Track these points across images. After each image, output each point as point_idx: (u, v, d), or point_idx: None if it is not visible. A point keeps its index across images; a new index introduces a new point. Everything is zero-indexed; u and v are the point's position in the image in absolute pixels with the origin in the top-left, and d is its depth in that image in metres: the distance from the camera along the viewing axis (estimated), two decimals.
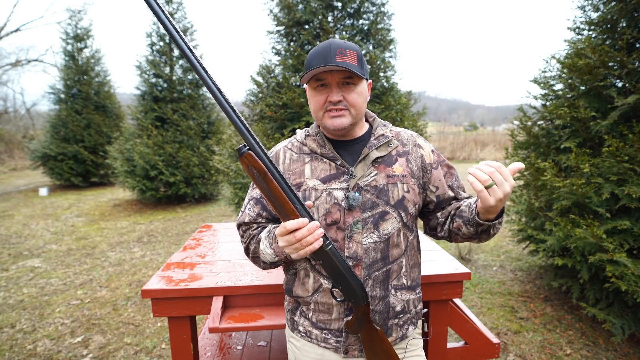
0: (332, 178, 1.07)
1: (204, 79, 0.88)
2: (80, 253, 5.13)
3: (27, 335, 3.05)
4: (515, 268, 4.27)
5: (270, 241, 1.04)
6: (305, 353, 1.14)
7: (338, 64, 0.97)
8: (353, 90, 1.04)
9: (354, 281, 0.99)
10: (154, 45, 8.34)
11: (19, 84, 44.36)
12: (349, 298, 1.00)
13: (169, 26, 0.85)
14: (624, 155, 2.56)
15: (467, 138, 19.78)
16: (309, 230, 0.91)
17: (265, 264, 1.11)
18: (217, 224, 2.57)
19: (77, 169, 10.54)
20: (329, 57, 0.99)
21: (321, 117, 1.06)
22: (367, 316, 1.03)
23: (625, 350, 2.69)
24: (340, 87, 1.03)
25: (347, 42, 1.04)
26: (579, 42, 3.20)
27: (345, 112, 1.04)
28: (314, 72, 1.00)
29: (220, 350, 2.01)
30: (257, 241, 1.10)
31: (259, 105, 4.48)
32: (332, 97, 1.03)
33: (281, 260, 1.06)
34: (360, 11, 4.57)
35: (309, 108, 1.12)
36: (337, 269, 0.97)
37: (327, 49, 1.00)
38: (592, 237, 2.54)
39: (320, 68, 0.98)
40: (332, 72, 1.01)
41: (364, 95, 1.08)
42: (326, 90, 1.04)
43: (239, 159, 0.92)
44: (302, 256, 0.95)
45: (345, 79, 1.02)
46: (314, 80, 1.04)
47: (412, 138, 1.16)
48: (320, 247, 0.94)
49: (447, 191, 1.14)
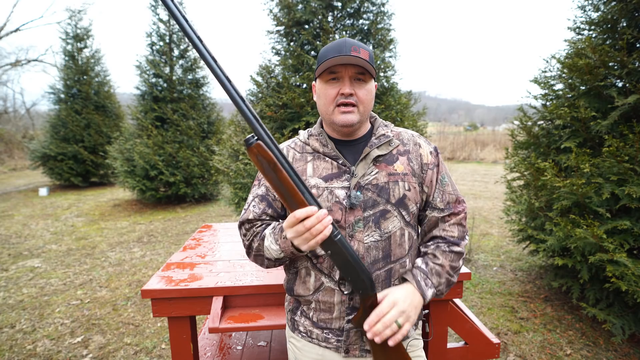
0: (333, 177, 1.08)
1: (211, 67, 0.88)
2: (80, 253, 5.12)
3: (27, 335, 3.05)
4: (515, 268, 4.27)
5: (276, 237, 1.03)
6: (306, 353, 1.14)
7: (354, 57, 0.99)
8: (364, 87, 1.05)
9: (363, 271, 0.98)
10: (154, 45, 8.34)
11: (18, 84, 44.43)
12: (358, 288, 0.99)
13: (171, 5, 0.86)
14: (624, 155, 2.56)
15: (467, 138, 19.78)
16: (317, 219, 0.90)
17: (270, 261, 1.09)
18: (217, 224, 2.57)
19: (77, 169, 10.54)
20: (345, 50, 1.01)
21: (331, 111, 1.06)
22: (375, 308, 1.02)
23: (625, 350, 2.69)
24: (353, 82, 1.04)
25: (362, 42, 1.05)
26: (579, 42, 3.20)
27: (354, 109, 1.05)
28: (330, 63, 1.01)
29: (220, 350, 2.01)
30: (261, 238, 1.09)
31: (259, 105, 4.47)
32: (344, 90, 1.03)
33: (287, 256, 1.04)
34: (360, 11, 4.57)
35: (317, 103, 1.11)
36: (346, 258, 0.96)
37: (342, 45, 1.02)
38: (592, 237, 2.54)
39: (336, 59, 0.99)
40: (347, 66, 1.02)
41: (373, 94, 1.09)
42: (338, 84, 1.05)
43: (247, 150, 0.91)
44: (312, 247, 0.93)
45: (358, 74, 1.04)
46: (326, 73, 1.05)
47: (412, 137, 1.16)
48: (329, 237, 0.93)
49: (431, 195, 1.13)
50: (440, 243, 1.11)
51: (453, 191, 1.15)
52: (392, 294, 1.00)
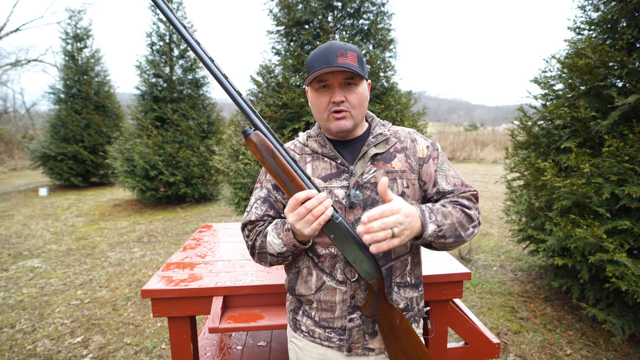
0: (332, 177, 1.09)
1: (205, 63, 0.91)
2: (80, 253, 5.12)
3: (26, 335, 3.05)
4: (515, 268, 4.27)
5: (278, 231, 1.04)
6: (308, 353, 1.14)
7: (340, 65, 0.99)
8: (354, 91, 1.05)
9: (367, 253, 0.98)
10: (154, 45, 8.34)
11: (18, 84, 44.41)
12: (363, 272, 1.00)
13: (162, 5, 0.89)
14: (624, 155, 2.56)
15: (467, 138, 19.77)
16: (318, 200, 0.91)
17: (273, 257, 1.08)
18: (217, 224, 2.57)
19: (77, 169, 10.54)
20: (331, 58, 1.00)
21: (326, 118, 1.07)
22: (383, 291, 1.02)
23: (625, 350, 2.69)
24: (342, 88, 1.04)
25: (347, 43, 1.05)
26: (579, 42, 3.20)
27: (346, 114, 1.05)
28: (316, 74, 1.01)
29: (220, 350, 2.01)
30: (264, 234, 1.09)
31: (259, 105, 4.47)
32: (335, 98, 1.04)
33: (289, 250, 1.04)
34: (360, 11, 4.57)
35: (311, 110, 1.13)
36: (349, 241, 0.97)
37: (328, 51, 1.02)
38: (592, 237, 2.54)
39: (323, 69, 0.99)
40: (335, 73, 1.02)
41: (365, 96, 1.09)
42: (328, 91, 1.05)
43: (245, 140, 0.93)
44: (314, 230, 0.92)
45: (347, 80, 1.04)
46: (315, 82, 1.05)
47: (409, 135, 1.16)
48: (331, 219, 0.94)
49: (431, 187, 1.12)
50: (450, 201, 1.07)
51: (457, 175, 1.13)
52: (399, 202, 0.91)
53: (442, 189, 1.10)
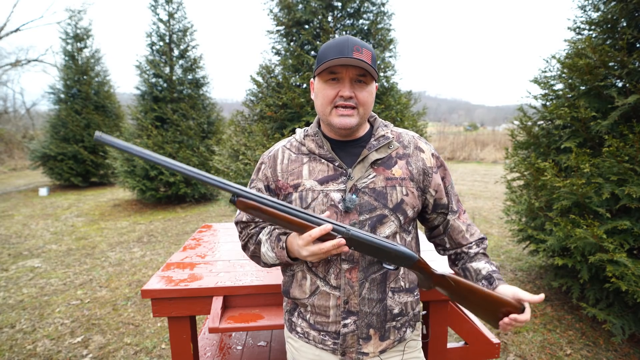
0: (329, 179, 1.06)
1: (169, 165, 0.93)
2: (80, 253, 5.12)
3: (27, 335, 3.05)
4: (515, 268, 4.27)
5: (272, 245, 1.07)
6: (303, 354, 1.14)
7: (356, 59, 0.96)
8: (365, 89, 1.02)
9: (392, 248, 0.98)
10: (154, 45, 8.33)
11: (18, 84, 44.40)
12: (400, 264, 1.01)
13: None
14: (624, 155, 2.55)
15: (467, 138, 19.77)
16: (333, 246, 0.94)
17: (266, 265, 1.15)
18: (217, 224, 2.57)
19: (77, 169, 10.54)
20: (347, 51, 0.97)
21: (329, 112, 1.04)
22: (428, 271, 1.03)
23: (625, 350, 2.69)
24: (353, 84, 1.01)
25: (363, 41, 1.03)
26: (579, 42, 3.20)
27: (353, 112, 1.03)
28: (330, 64, 0.97)
29: (220, 350, 2.01)
30: (257, 242, 1.11)
31: (259, 105, 4.48)
32: (344, 92, 1.01)
33: (282, 263, 1.10)
34: (360, 11, 4.57)
35: (315, 102, 1.09)
36: (370, 247, 0.97)
37: (344, 44, 0.98)
38: (592, 237, 2.54)
39: (337, 60, 0.96)
40: (348, 67, 0.99)
41: (373, 96, 1.06)
42: (338, 85, 1.02)
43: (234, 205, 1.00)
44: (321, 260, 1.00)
45: (359, 76, 1.01)
46: (326, 73, 1.01)
47: (413, 140, 1.14)
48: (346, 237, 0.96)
49: (444, 196, 1.14)
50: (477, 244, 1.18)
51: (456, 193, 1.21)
52: (528, 311, 1.03)
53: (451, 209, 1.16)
